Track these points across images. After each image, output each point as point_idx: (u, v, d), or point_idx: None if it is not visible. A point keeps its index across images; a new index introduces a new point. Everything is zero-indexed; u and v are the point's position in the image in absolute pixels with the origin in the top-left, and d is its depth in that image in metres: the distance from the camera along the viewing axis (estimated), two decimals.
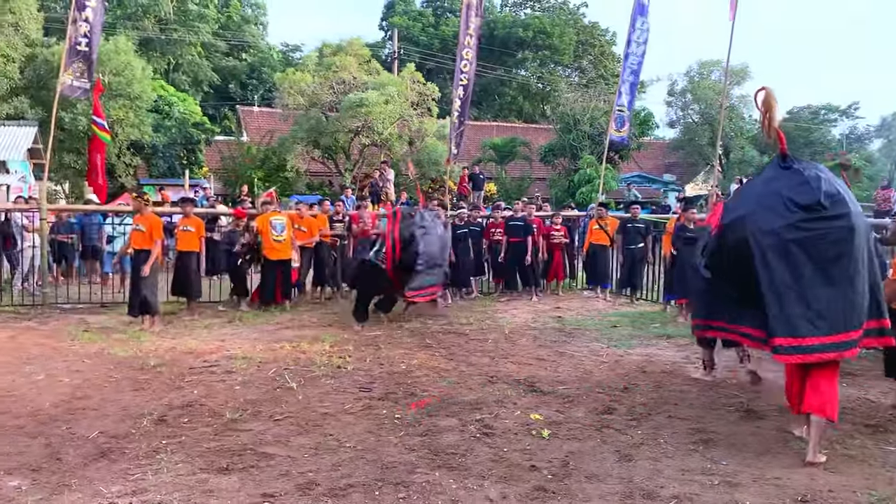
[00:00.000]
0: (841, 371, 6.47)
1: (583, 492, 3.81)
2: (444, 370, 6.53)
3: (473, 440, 4.62)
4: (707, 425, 4.98)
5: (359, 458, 4.26)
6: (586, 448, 4.49)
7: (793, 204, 4.37)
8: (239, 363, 6.63)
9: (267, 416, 5.08)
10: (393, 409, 5.27)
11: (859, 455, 4.42)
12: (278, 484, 3.87)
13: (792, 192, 4.41)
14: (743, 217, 4.58)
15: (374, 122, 19.77)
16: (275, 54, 40.19)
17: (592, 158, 22.44)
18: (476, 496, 3.74)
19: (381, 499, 3.70)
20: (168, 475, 3.97)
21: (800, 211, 4.35)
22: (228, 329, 8.44)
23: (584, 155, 23.21)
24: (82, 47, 9.52)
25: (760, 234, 4.40)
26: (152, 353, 7.07)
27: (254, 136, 25.57)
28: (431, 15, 41.12)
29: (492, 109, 39.02)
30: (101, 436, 4.59)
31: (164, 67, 30.68)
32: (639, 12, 12.55)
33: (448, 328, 8.72)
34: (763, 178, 4.88)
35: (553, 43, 37.58)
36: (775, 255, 4.34)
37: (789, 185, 4.46)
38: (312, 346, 7.40)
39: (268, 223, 9.73)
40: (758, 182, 4.96)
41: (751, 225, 4.48)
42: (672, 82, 28.47)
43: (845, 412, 5.34)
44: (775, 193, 4.49)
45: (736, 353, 6.56)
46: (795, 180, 4.47)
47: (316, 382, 6.01)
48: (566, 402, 5.53)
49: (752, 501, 3.71)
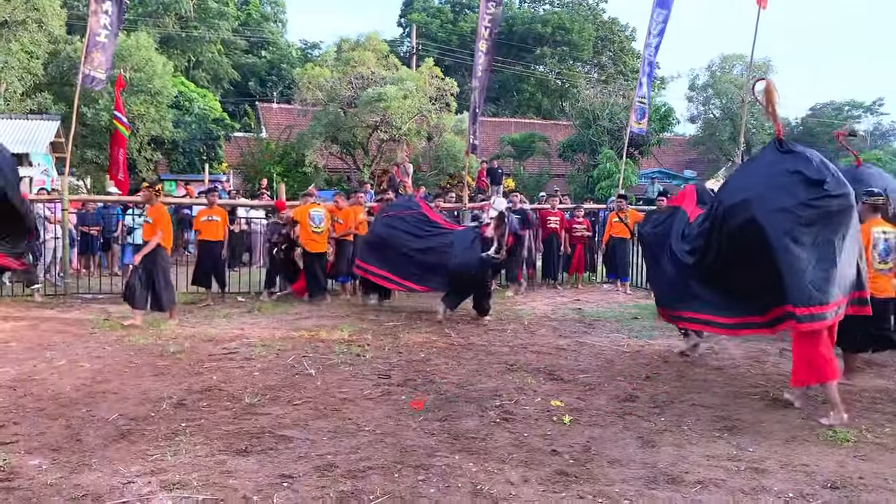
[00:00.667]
0: (868, 361, 6.41)
1: (605, 476, 3.74)
2: (464, 359, 6.48)
3: (493, 425, 4.57)
4: (732, 413, 4.88)
5: (378, 442, 4.23)
6: (608, 434, 4.42)
7: (801, 183, 4.68)
8: (258, 350, 6.62)
9: (286, 400, 5.06)
10: (412, 395, 5.23)
11: (890, 443, 4.31)
12: (297, 465, 3.84)
13: (798, 172, 4.72)
14: (748, 200, 4.83)
15: (393, 117, 19.71)
16: (294, 51, 40.31)
17: (612, 153, 22.25)
18: (496, 479, 3.69)
19: (400, 480, 3.66)
20: (187, 456, 3.96)
21: (808, 189, 4.65)
22: (247, 318, 8.45)
23: (604, 150, 23.01)
24: (102, 38, 9.58)
25: (772, 214, 4.65)
26: (172, 340, 7.09)
27: (273, 132, 25.64)
28: (450, 11, 41.03)
29: (510, 105, 38.84)
30: (121, 418, 4.60)
31: (184, 65, 30.87)
32: (658, 4, 12.41)
33: (466, 318, 8.67)
34: (763, 162, 5.09)
35: (572, 39, 37.29)
36: (791, 231, 4.61)
37: (794, 167, 4.76)
38: (331, 335, 7.39)
39: (306, 215, 9.69)
40: (758, 166, 5.16)
41: (760, 206, 4.73)
42: (693, 77, 28.17)
43: (875, 402, 5.24)
44: (781, 175, 4.78)
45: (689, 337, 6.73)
46: (799, 162, 4.78)
47: (335, 369, 5.98)
48: (587, 389, 5.45)
49: (780, 487, 3.62)
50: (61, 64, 19.31)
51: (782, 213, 4.64)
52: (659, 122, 24.69)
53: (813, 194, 4.63)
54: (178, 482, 3.60)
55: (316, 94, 20.31)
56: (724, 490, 3.59)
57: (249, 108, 30.47)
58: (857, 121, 36.75)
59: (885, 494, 3.56)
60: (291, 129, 22.72)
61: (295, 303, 9.61)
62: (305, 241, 9.68)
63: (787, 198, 4.66)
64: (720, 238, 5.08)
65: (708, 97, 27.54)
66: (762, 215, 4.69)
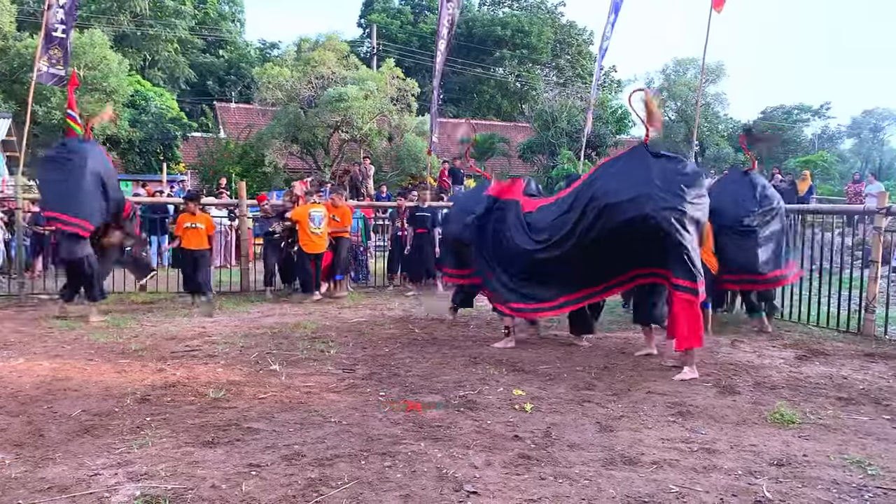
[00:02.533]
0: (813, 351, 6.72)
1: (566, 459, 3.88)
2: (428, 353, 6.58)
3: (457, 414, 4.67)
4: (685, 399, 5.08)
5: (344, 432, 4.29)
6: (568, 420, 4.57)
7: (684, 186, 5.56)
8: (221, 347, 6.62)
9: (251, 395, 5.08)
10: (377, 387, 5.31)
11: (832, 424, 4.55)
12: (264, 455, 3.89)
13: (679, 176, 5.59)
14: (634, 198, 5.61)
15: (354, 117, 19.74)
16: (252, 51, 39.96)
17: (570, 154, 22.62)
18: (461, 463, 3.79)
19: (366, 467, 3.73)
20: (153, 448, 3.97)
21: (689, 190, 5.55)
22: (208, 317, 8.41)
23: (563, 151, 23.38)
24: (58, 34, 9.42)
25: (668, 212, 5.47)
26: (133, 338, 7.03)
27: (231, 132, 25.41)
28: (410, 13, 41.12)
29: (470, 107, 39.10)
30: (84, 414, 4.57)
31: (139, 64, 30.33)
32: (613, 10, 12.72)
33: (431, 315, 8.77)
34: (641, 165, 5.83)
35: (531, 41, 37.77)
36: (683, 226, 5.47)
37: (675, 171, 5.62)
38: (294, 332, 7.41)
39: (307, 215, 9.56)
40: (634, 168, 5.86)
41: (652, 205, 5.53)
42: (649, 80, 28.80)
43: (819, 387, 5.51)
44: (665, 178, 5.59)
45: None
46: (678, 166, 5.64)
47: (299, 365, 6.02)
48: (548, 379, 5.61)
49: (729, 466, 3.81)
50: (11, 61, 18.85)
51: (676, 211, 5.46)
52: (616, 124, 25.19)
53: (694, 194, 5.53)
54: (145, 473, 3.61)
55: (275, 94, 20.23)
56: (678, 469, 3.76)
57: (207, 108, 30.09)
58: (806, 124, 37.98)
59: (827, 469, 3.77)
60: (251, 128, 22.56)
61: (257, 300, 9.58)
62: (304, 242, 9.58)
63: (676, 198, 5.50)
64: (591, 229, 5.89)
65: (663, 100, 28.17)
66: (657, 212, 5.48)
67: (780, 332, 7.94)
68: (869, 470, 3.76)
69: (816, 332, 7.90)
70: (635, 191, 5.63)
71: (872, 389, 5.43)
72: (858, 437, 4.33)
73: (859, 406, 4.98)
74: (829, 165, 27.63)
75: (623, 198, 5.68)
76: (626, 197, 5.66)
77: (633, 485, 3.54)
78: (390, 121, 21.31)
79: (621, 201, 5.68)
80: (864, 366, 6.27)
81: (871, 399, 5.15)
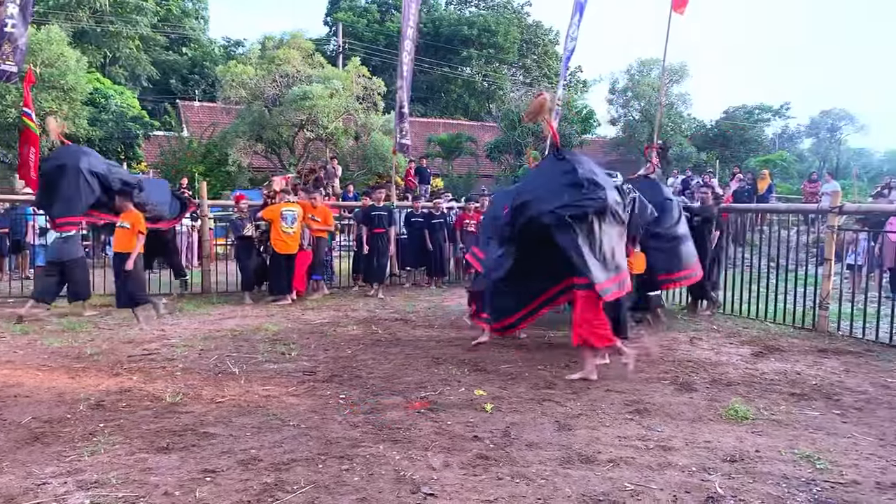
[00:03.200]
0: (769, 347, 6.86)
1: (523, 458, 3.90)
2: (391, 354, 6.56)
3: (417, 415, 4.66)
4: (643, 397, 5.15)
5: (302, 435, 4.26)
6: (527, 419, 4.59)
7: (568, 186, 5.61)
8: (179, 351, 6.52)
9: (208, 399, 5.01)
10: (337, 390, 5.28)
11: (785, 420, 4.65)
12: (220, 461, 3.84)
13: (563, 178, 5.68)
14: (527, 202, 5.87)
15: (319, 116, 19.58)
16: (217, 48, 39.37)
17: (537, 154, 22.73)
18: (419, 465, 3.79)
19: (324, 471, 3.71)
20: (105, 456, 3.89)
21: (572, 191, 5.57)
22: (169, 319, 8.27)
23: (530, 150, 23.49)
24: (9, 28, 9.16)
25: (546, 214, 5.60)
26: (89, 342, 6.88)
27: (195, 130, 25.02)
28: (376, 11, 40.92)
29: (438, 106, 39.07)
30: (35, 421, 4.46)
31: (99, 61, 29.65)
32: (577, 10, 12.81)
33: (395, 316, 8.75)
34: (545, 168, 6.18)
35: (497, 41, 37.85)
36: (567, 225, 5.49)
37: (562, 173, 5.73)
38: (255, 335, 7.33)
39: (279, 214, 9.38)
40: (540, 171, 6.26)
41: (535, 207, 5.73)
42: (613, 81, 29.09)
43: (773, 383, 5.62)
44: (552, 180, 5.77)
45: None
46: (566, 168, 5.74)
47: (259, 368, 5.96)
48: (509, 379, 5.63)
49: (684, 462, 3.86)
50: None
51: (551, 214, 5.54)
52: (581, 124, 25.40)
53: (575, 196, 5.54)
54: (96, 481, 3.54)
55: (239, 93, 19.97)
56: (634, 467, 3.80)
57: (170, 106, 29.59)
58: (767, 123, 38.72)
59: (778, 464, 3.85)
60: (214, 127, 22.24)
61: (218, 302, 9.45)
62: (275, 241, 9.42)
63: (556, 199, 5.58)
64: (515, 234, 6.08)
65: (627, 100, 28.49)
66: (540, 215, 5.64)
67: (739, 328, 8.09)
68: (818, 464, 3.85)
69: (773, 329, 8.07)
70: (530, 195, 5.94)
71: (824, 385, 5.57)
72: (809, 431, 4.43)
73: (811, 401, 5.10)
74: (788, 164, 28.20)
75: (523, 200, 5.97)
76: (522, 200, 5.97)
77: (590, 483, 3.57)
78: (356, 119, 21.19)
79: (521, 204, 5.97)
80: (817, 361, 6.42)
81: (822, 394, 5.27)
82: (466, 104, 39.56)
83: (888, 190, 14.79)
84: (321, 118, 19.68)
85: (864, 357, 6.60)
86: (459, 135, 27.16)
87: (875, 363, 6.35)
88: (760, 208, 13.47)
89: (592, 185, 5.59)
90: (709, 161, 27.27)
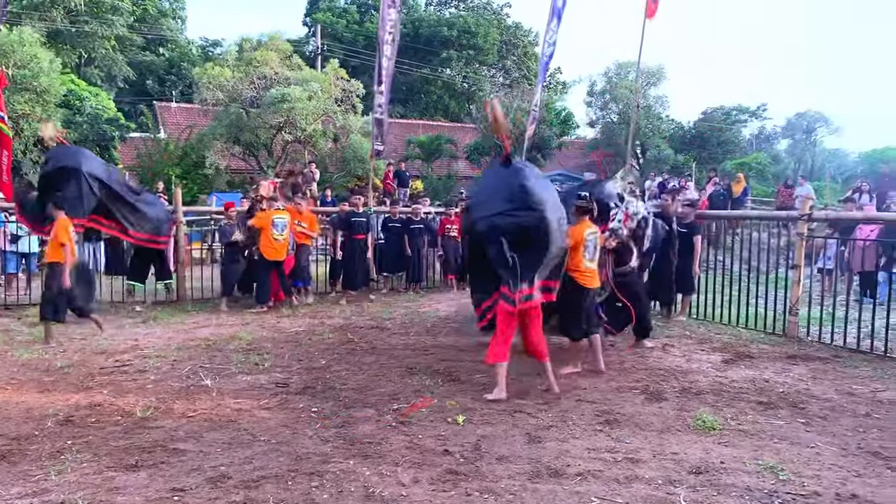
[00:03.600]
0: (739, 354, 6.96)
1: (493, 473, 3.93)
2: (365, 364, 6.57)
3: (389, 429, 4.68)
4: (613, 407, 5.20)
5: (273, 451, 4.26)
6: (498, 432, 4.63)
7: (504, 197, 5.53)
8: (152, 362, 6.47)
9: (179, 413, 4.99)
10: (310, 403, 5.28)
11: (751, 429, 4.73)
12: (189, 478, 3.83)
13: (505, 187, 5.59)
14: (471, 206, 6.08)
15: (297, 119, 19.49)
16: (194, 49, 39.04)
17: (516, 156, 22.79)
18: (388, 481, 3.80)
19: (293, 488, 3.71)
20: (73, 475, 3.87)
21: (507, 202, 5.48)
22: (142, 329, 8.20)
23: None
24: None
25: (481, 221, 5.65)
26: (61, 354, 6.82)
27: (172, 132, 24.79)
28: (356, 12, 40.80)
29: (418, 108, 39.04)
30: (1, 438, 4.42)
31: (74, 61, 29.27)
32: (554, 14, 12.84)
33: (371, 323, 8.75)
34: (492, 173, 6.20)
35: (477, 42, 37.90)
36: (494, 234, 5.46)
37: (505, 182, 5.63)
38: (229, 344, 7.30)
39: (270, 221, 9.39)
40: (488, 177, 6.33)
41: (476, 213, 5.83)
42: (592, 83, 29.25)
43: (741, 391, 5.70)
44: (495, 188, 5.74)
45: None
46: (509, 178, 5.62)
47: (232, 379, 5.94)
48: (482, 389, 5.66)
49: (651, 475, 3.92)
50: None
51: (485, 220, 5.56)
52: (560, 126, 25.52)
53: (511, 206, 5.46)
54: (62, 502, 3.52)
55: (216, 95, 19.81)
56: (601, 480, 3.85)
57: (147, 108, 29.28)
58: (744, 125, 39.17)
59: (742, 476, 3.91)
60: (191, 128, 22.05)
61: (193, 310, 9.39)
62: (265, 248, 9.42)
63: (494, 207, 5.55)
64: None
65: (605, 102, 28.66)
66: (477, 221, 5.73)
67: (711, 334, 8.19)
68: (781, 475, 3.92)
69: (745, 335, 8.18)
70: (474, 198, 6.18)
71: (791, 392, 5.66)
72: (774, 441, 4.51)
73: (777, 410, 5.18)
74: (764, 167, 28.52)
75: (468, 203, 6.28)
76: (468, 205, 6.26)
77: (557, 498, 3.61)
78: (335, 122, 21.11)
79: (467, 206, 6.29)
80: (785, 368, 6.52)
81: (788, 403, 5.36)
82: (446, 105, 39.58)
83: (859, 194, 15.02)
84: (299, 120, 19.59)
85: (832, 363, 6.71)
86: (439, 136, 27.15)
87: (842, 370, 6.46)
88: (731, 215, 13.67)
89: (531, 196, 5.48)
90: (686, 163, 27.53)
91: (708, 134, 30.21)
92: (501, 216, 5.45)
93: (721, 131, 30.42)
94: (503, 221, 5.44)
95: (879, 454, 4.28)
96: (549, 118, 24.61)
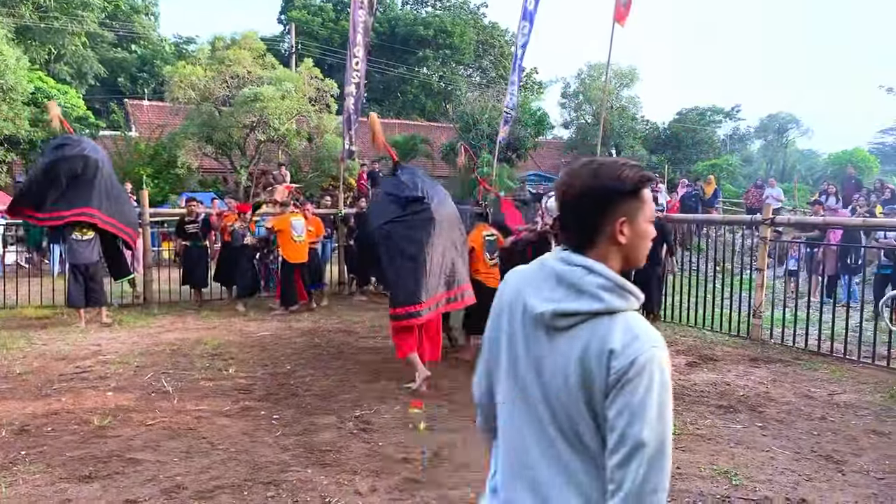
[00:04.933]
0: (703, 357, 7.03)
1: (452, 481, 3.94)
2: (330, 369, 6.54)
3: (350, 436, 4.67)
4: None
5: (231, 460, 4.23)
6: (459, 439, 4.63)
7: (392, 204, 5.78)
8: (114, 368, 6.39)
9: (138, 422, 4.93)
10: (272, 409, 5.24)
11: (708, 434, 4.79)
12: (143, 489, 3.79)
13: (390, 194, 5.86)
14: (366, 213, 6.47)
15: (270, 118, 19.34)
16: (167, 46, 38.56)
17: (490, 157, 22.85)
18: (346, 490, 3.80)
19: (249, 498, 3.69)
20: (24, 487, 3.81)
21: (396, 208, 5.73)
22: (106, 333, 8.09)
23: (483, 153, 23.62)
24: None
25: (375, 229, 5.79)
26: (20, 359, 6.70)
27: (143, 131, 24.46)
28: (332, 10, 40.58)
29: (394, 107, 38.94)
30: None
31: (43, 58, 28.75)
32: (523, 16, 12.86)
33: (340, 327, 8.71)
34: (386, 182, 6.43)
35: (454, 42, 37.90)
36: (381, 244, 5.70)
37: (393, 189, 5.89)
38: (194, 349, 7.23)
39: (288, 224, 9.48)
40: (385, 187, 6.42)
41: (372, 221, 5.98)
42: (565, 85, 29.42)
43: (703, 395, 5.77)
44: (385, 195, 5.99)
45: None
46: (396, 186, 5.89)
47: (194, 386, 5.88)
48: (445, 395, 5.66)
49: None
50: None
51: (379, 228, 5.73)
52: (535, 127, 25.63)
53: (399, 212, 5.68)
54: None
55: (188, 93, 19.59)
56: None
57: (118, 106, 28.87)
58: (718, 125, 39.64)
59: (696, 481, 3.97)
60: (163, 127, 21.80)
61: (159, 313, 9.29)
62: (287, 252, 9.54)
63: (384, 215, 5.76)
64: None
65: (579, 103, 28.84)
66: (372, 228, 5.88)
67: (677, 337, 8.27)
68: (734, 480, 3.98)
69: (710, 337, 8.28)
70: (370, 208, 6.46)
71: (751, 396, 5.75)
72: (730, 446, 4.57)
73: (736, 414, 5.26)
74: (734, 168, 28.90)
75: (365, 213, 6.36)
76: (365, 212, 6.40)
77: None
78: (309, 121, 20.99)
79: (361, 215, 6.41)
80: (747, 371, 6.62)
81: (747, 406, 5.44)
82: (423, 105, 39.52)
83: (825, 196, 15.27)
84: (273, 120, 19.44)
85: (793, 366, 6.82)
86: (414, 136, 27.12)
87: (802, 372, 6.57)
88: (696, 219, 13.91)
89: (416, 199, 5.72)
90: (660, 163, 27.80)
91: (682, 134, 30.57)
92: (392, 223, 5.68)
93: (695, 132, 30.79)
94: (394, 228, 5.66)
95: (831, 458, 4.36)
96: (524, 118, 24.70)
